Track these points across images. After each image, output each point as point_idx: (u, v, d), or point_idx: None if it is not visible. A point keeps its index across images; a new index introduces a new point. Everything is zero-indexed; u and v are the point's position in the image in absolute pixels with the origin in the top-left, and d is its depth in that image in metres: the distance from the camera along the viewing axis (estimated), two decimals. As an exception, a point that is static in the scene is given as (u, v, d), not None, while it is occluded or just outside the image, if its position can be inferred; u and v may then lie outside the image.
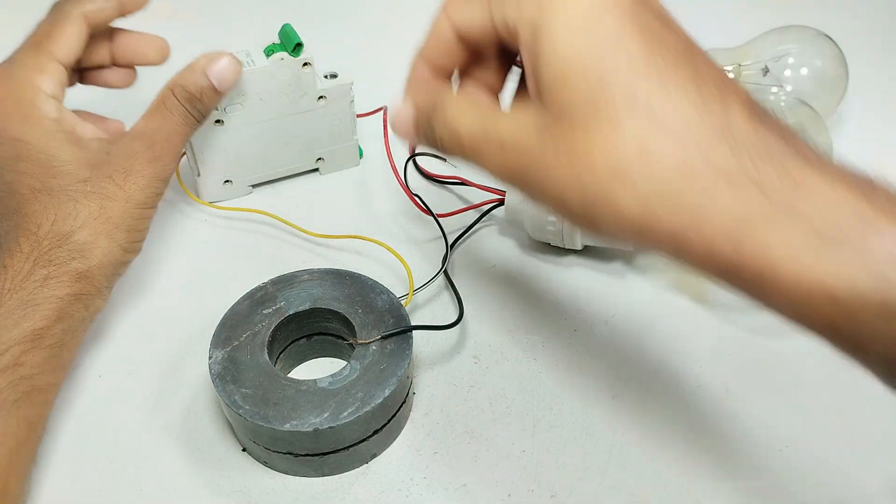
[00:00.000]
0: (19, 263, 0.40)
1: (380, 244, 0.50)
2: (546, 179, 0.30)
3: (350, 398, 0.39)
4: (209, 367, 0.41)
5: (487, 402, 0.44)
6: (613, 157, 0.28)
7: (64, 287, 0.40)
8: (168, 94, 0.45)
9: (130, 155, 0.43)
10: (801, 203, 0.26)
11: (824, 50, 0.57)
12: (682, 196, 0.27)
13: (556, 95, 0.29)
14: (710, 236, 0.27)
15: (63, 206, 0.41)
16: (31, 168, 0.42)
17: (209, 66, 0.46)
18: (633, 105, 0.28)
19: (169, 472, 0.41)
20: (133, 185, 0.43)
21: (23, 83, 0.43)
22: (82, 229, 0.41)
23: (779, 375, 0.46)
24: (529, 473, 0.41)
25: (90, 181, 0.42)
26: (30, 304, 0.39)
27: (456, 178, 0.55)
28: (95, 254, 0.41)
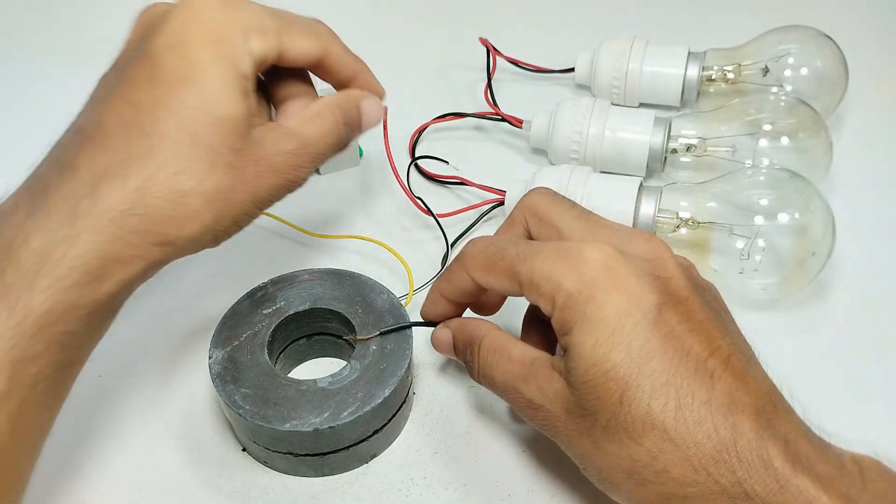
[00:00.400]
0: (116, 200, 0.33)
1: (380, 244, 0.50)
2: (569, 445, 0.35)
3: (350, 398, 0.39)
4: (209, 367, 0.41)
5: (487, 402, 0.44)
6: (628, 462, 0.32)
7: (144, 248, 0.34)
8: (329, 110, 0.40)
9: (280, 151, 0.38)
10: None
11: (824, 50, 0.57)
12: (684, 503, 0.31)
13: (584, 395, 0.33)
14: None
15: (198, 162, 0.35)
16: (192, 99, 0.35)
17: (362, 101, 0.42)
18: (650, 427, 0.31)
19: (169, 472, 0.42)
20: (266, 183, 0.37)
21: (236, 22, 0.37)
22: (201, 197, 0.35)
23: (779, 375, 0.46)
24: (529, 473, 0.41)
25: (238, 153, 0.36)
26: (101, 257, 0.33)
27: (456, 177, 0.55)
28: (195, 227, 0.35)
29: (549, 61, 0.63)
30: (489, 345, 0.38)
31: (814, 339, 0.48)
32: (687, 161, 0.54)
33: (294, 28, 0.39)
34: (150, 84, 0.35)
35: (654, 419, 0.31)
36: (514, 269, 0.36)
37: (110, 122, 0.35)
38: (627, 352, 0.32)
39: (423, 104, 0.61)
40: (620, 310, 0.32)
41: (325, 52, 0.41)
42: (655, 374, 0.32)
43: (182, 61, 0.35)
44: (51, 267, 0.32)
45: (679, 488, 0.31)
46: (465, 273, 0.38)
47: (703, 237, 0.48)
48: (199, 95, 0.35)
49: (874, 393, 0.45)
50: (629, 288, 0.33)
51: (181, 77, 0.35)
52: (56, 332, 0.32)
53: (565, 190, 0.50)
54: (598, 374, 0.32)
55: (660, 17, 0.72)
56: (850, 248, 0.50)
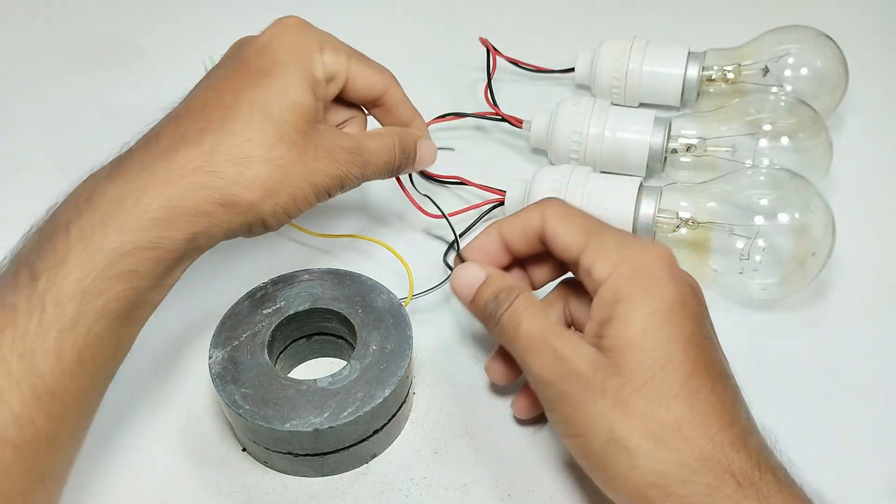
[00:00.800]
0: (189, 157, 0.37)
1: (380, 244, 0.50)
2: (581, 404, 0.35)
3: (350, 398, 0.39)
4: (209, 367, 0.41)
5: (487, 402, 0.44)
6: (653, 423, 0.34)
7: (209, 205, 0.37)
8: (389, 134, 0.45)
9: (339, 146, 0.42)
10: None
11: (824, 50, 0.57)
12: (671, 487, 0.33)
13: (624, 357, 0.35)
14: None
15: (267, 135, 0.39)
16: (270, 87, 0.40)
17: (420, 141, 0.47)
18: (684, 398, 0.34)
19: (169, 472, 0.42)
20: (324, 168, 0.41)
21: (315, 39, 0.42)
22: (265, 164, 0.38)
23: (778, 375, 0.46)
24: (529, 473, 0.41)
25: (302, 135, 0.40)
26: (170, 207, 0.36)
27: (456, 177, 0.55)
28: (257, 192, 0.38)
29: (549, 61, 0.63)
30: (529, 297, 0.39)
31: (814, 339, 0.47)
32: (687, 161, 0.54)
33: (364, 60, 0.45)
34: (236, 76, 0.40)
35: (689, 390, 0.34)
36: (588, 227, 0.39)
37: (196, 103, 0.40)
38: (680, 333, 0.35)
39: (423, 104, 0.60)
40: (678, 299, 0.36)
41: (388, 91, 0.46)
42: (698, 359, 0.35)
43: (264, 59, 0.41)
44: (123, 211, 0.35)
45: (691, 461, 0.33)
46: (539, 214, 0.40)
47: (703, 237, 0.48)
48: (275, 83, 0.40)
49: (874, 392, 0.45)
50: (685, 286, 0.37)
51: (262, 70, 0.40)
52: (124, 270, 0.35)
53: (565, 190, 0.50)
54: (649, 342, 0.35)
55: (660, 17, 0.72)
56: (850, 248, 0.50)
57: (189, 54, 0.62)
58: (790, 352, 0.47)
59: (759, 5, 0.72)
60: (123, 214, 0.35)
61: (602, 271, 0.37)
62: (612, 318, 0.36)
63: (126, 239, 0.35)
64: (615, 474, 0.34)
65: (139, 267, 0.36)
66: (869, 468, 0.42)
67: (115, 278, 0.35)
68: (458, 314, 0.49)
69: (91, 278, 0.34)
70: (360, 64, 0.44)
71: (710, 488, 0.32)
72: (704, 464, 0.33)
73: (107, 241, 0.35)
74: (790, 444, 0.42)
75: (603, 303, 0.36)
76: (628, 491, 0.34)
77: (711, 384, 0.35)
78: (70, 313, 0.34)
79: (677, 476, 0.33)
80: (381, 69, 0.46)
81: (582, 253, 0.38)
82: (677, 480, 0.33)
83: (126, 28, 0.72)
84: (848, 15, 0.71)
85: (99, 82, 0.66)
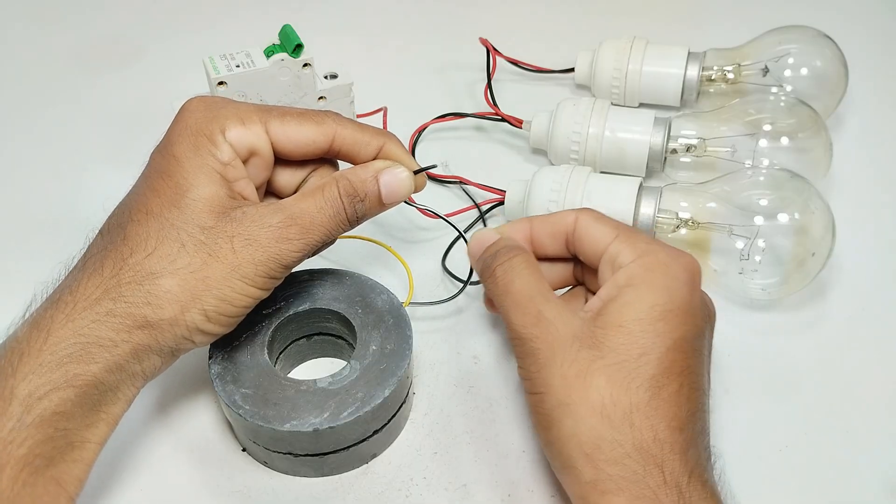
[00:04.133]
0: (91, 288, 0.36)
1: (380, 244, 0.50)
2: (548, 365, 0.36)
3: (350, 398, 0.39)
4: (209, 367, 0.41)
5: (487, 402, 0.44)
6: (609, 401, 0.34)
7: (124, 332, 0.36)
8: (331, 182, 0.40)
9: (263, 225, 0.38)
10: None
11: (824, 50, 0.57)
12: (601, 463, 0.34)
13: (610, 335, 0.36)
14: None
15: (167, 244, 0.37)
16: (164, 188, 0.38)
17: (382, 172, 0.41)
18: (650, 388, 0.35)
19: (169, 472, 0.42)
20: (248, 257, 0.37)
21: (216, 119, 0.39)
22: (172, 276, 0.36)
23: (779, 375, 0.46)
24: (529, 473, 0.41)
25: (208, 231, 0.37)
26: (82, 340, 0.35)
27: (456, 177, 0.55)
28: (172, 308, 0.36)
29: (549, 61, 0.63)
30: (529, 259, 0.40)
31: (814, 339, 0.48)
32: (687, 161, 0.54)
33: (288, 119, 0.40)
34: (137, 186, 0.39)
35: (654, 385, 0.35)
36: (620, 226, 0.40)
37: (104, 227, 0.39)
38: (670, 333, 0.35)
39: (423, 104, 0.61)
40: (684, 304, 0.36)
41: (332, 137, 0.41)
42: (675, 362, 0.35)
43: (164, 159, 0.39)
44: (33, 353, 0.35)
45: (628, 446, 0.34)
46: (573, 216, 0.41)
47: (703, 237, 0.48)
48: (171, 184, 0.38)
49: (874, 392, 0.45)
50: (697, 297, 0.38)
51: (159, 172, 0.39)
52: (44, 413, 0.34)
53: (565, 190, 0.49)
54: (638, 329, 0.35)
55: (660, 17, 0.72)
56: (850, 248, 0.50)
57: (189, 54, 0.62)
58: (790, 352, 0.47)
59: (759, 5, 0.72)
60: (33, 357, 0.34)
61: (626, 258, 0.38)
62: (615, 298, 0.36)
63: (39, 382, 0.34)
64: (556, 436, 0.35)
65: (61, 408, 0.34)
66: (869, 468, 0.42)
67: (36, 425, 0.34)
68: (458, 314, 0.49)
69: (9, 428, 0.33)
70: (284, 125, 0.40)
71: (637, 476, 0.33)
72: (639, 453, 0.34)
73: (19, 387, 0.34)
74: (790, 443, 0.42)
75: (615, 284, 0.37)
76: (562, 455, 0.35)
77: (677, 388, 0.35)
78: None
79: (610, 455, 0.34)
80: (317, 119, 0.41)
81: (612, 243, 0.39)
82: (609, 459, 0.34)
83: (126, 28, 0.72)
84: (848, 15, 0.71)
85: (99, 82, 0.66)
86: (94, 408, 0.36)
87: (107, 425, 0.37)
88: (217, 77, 0.50)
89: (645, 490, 0.33)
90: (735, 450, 0.41)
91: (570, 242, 0.41)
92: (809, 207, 0.46)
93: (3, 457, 0.33)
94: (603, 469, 0.34)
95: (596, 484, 0.34)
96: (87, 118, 0.63)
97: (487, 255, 0.40)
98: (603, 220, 0.40)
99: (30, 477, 0.33)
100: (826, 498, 0.41)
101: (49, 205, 0.56)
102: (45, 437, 0.34)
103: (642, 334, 0.35)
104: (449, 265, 0.51)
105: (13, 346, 0.35)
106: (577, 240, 0.40)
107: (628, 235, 0.39)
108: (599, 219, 0.40)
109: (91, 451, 0.36)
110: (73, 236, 0.40)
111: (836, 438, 0.43)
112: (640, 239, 0.38)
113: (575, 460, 0.35)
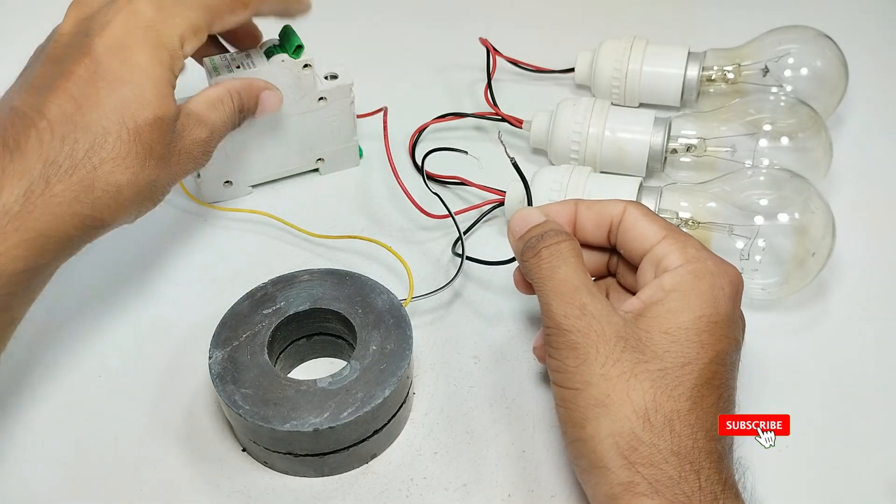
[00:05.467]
0: (61, 188, 0.37)
1: (380, 244, 0.50)
2: (590, 362, 0.35)
3: (350, 398, 0.39)
4: (209, 367, 0.41)
5: (487, 402, 0.44)
6: (651, 404, 0.34)
7: (82, 230, 0.38)
8: (226, 95, 0.46)
9: (195, 140, 0.43)
10: None
11: (824, 50, 0.57)
12: (638, 465, 0.34)
13: (655, 340, 0.36)
14: None
15: (135, 158, 0.39)
16: (134, 100, 0.39)
17: (263, 92, 0.48)
18: (687, 398, 0.35)
19: (169, 472, 0.42)
20: (184, 167, 0.43)
21: (174, 26, 0.41)
22: (132, 187, 0.39)
23: (779, 375, 0.46)
24: (529, 473, 0.41)
25: (168, 147, 0.41)
26: (43, 236, 0.37)
27: (456, 177, 0.55)
28: (123, 214, 0.40)
29: (549, 61, 0.63)
30: (576, 247, 0.39)
31: (814, 339, 0.48)
32: (687, 161, 0.54)
33: (226, 17, 0.44)
34: (93, 82, 0.38)
35: (696, 395, 0.35)
36: (670, 227, 0.39)
37: (53, 113, 0.38)
38: (713, 346, 0.36)
39: (423, 104, 0.61)
40: (728, 319, 0.37)
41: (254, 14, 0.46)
42: (716, 376, 0.36)
43: (123, 65, 0.39)
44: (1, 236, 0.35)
45: (667, 451, 0.34)
46: (622, 207, 0.40)
47: (703, 237, 0.48)
48: (139, 96, 0.39)
49: (874, 392, 0.45)
50: (737, 312, 0.38)
51: (122, 78, 0.39)
52: None
53: (565, 190, 0.50)
54: (684, 338, 0.35)
55: (660, 17, 0.72)
56: (850, 248, 0.50)
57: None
58: (790, 352, 0.47)
59: (759, 5, 0.72)
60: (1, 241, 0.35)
61: (674, 262, 0.38)
62: (660, 302, 0.36)
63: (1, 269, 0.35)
64: (591, 434, 0.35)
65: (12, 289, 0.36)
66: (869, 468, 0.42)
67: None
68: (458, 314, 0.49)
69: None
70: (222, 22, 0.44)
71: (672, 480, 0.33)
72: (677, 458, 0.34)
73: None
74: (791, 443, 0.42)
75: (660, 287, 0.37)
76: (595, 453, 0.35)
77: (716, 400, 0.35)
78: None
79: (649, 458, 0.34)
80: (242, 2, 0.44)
81: (659, 243, 0.39)
82: (647, 461, 0.34)
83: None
84: (848, 15, 0.71)
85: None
86: (35, 289, 0.38)
87: (32, 302, 0.39)
88: (218, 78, 0.50)
89: (679, 495, 0.33)
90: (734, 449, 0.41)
91: (613, 234, 0.41)
92: (809, 207, 0.46)
93: None
94: (639, 471, 0.34)
95: (630, 486, 0.34)
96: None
97: (533, 236, 0.40)
98: (652, 217, 0.40)
99: None
100: (826, 498, 0.41)
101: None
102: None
103: (688, 343, 0.35)
104: (450, 259, 0.51)
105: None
106: (623, 232, 0.40)
107: (678, 238, 0.38)
108: (648, 215, 0.40)
109: (15, 326, 0.38)
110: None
111: (836, 438, 0.43)
112: (689, 244, 0.38)
113: (609, 460, 0.34)
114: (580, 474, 0.37)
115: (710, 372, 0.35)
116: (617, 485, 0.34)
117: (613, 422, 0.34)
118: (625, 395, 0.35)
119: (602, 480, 0.35)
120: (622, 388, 0.35)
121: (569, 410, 0.36)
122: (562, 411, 0.37)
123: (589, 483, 0.36)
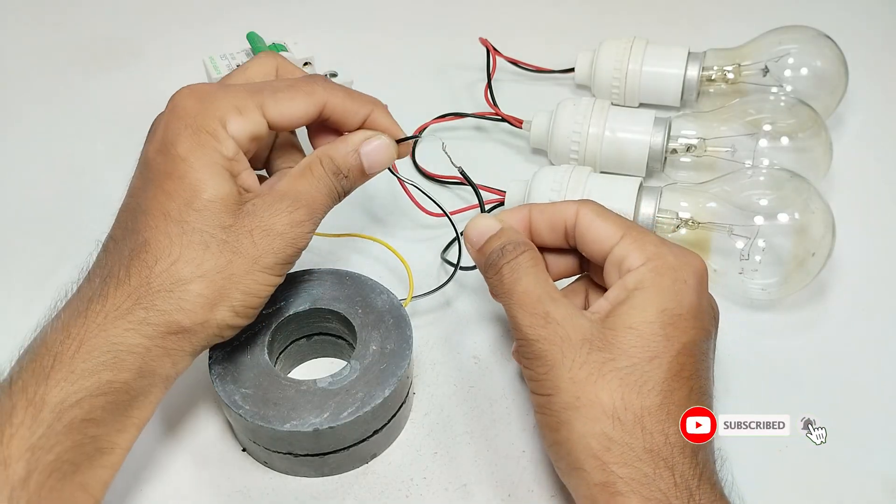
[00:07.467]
0: (121, 298, 0.36)
1: (380, 242, 0.50)
2: (558, 366, 0.36)
3: (350, 398, 0.39)
4: (209, 367, 0.41)
5: (487, 402, 0.44)
6: (619, 403, 0.35)
7: (157, 338, 0.36)
8: (315, 161, 0.41)
9: (275, 213, 0.39)
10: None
11: (824, 50, 0.57)
12: (611, 465, 0.34)
13: (621, 337, 0.36)
14: None
15: (191, 248, 0.37)
16: (177, 190, 0.37)
17: (363, 144, 0.42)
18: (659, 391, 0.35)
19: (169, 472, 0.42)
20: (267, 247, 0.38)
21: (213, 111, 0.38)
22: (201, 280, 0.36)
23: (779, 375, 0.46)
24: (529, 473, 0.41)
25: (229, 230, 0.37)
26: (115, 349, 0.35)
27: (456, 177, 0.55)
28: (203, 311, 0.37)
29: (549, 61, 0.63)
30: (534, 256, 0.39)
31: (814, 339, 0.48)
32: (687, 161, 0.54)
33: (279, 96, 0.40)
34: (144, 188, 0.38)
35: (665, 389, 0.35)
36: (626, 224, 0.39)
37: (116, 232, 0.38)
38: (679, 338, 0.36)
39: (423, 104, 0.61)
40: (693, 309, 0.37)
41: (322, 106, 0.41)
42: (685, 366, 0.36)
43: (167, 160, 0.38)
44: (65, 361, 0.34)
45: (639, 449, 0.34)
46: (574, 209, 0.40)
47: (703, 237, 0.48)
48: (183, 186, 0.37)
49: (873, 392, 0.45)
50: (705, 300, 0.38)
51: (167, 174, 0.38)
52: (74, 421, 0.34)
53: (565, 190, 0.49)
54: (648, 332, 0.36)
55: (660, 17, 0.72)
56: (850, 248, 0.50)
57: (189, 54, 0.62)
58: (790, 352, 0.47)
59: (759, 5, 0.72)
60: (65, 365, 0.34)
61: (635, 262, 0.38)
62: (625, 301, 0.37)
63: (71, 390, 0.34)
64: (565, 437, 0.35)
65: (92, 415, 0.34)
66: (869, 468, 0.42)
67: (66, 432, 0.33)
68: (458, 314, 0.49)
69: (38, 435, 0.33)
70: (276, 105, 0.40)
71: (647, 478, 0.34)
72: (650, 455, 0.34)
73: (50, 394, 0.33)
74: (790, 443, 0.42)
75: (623, 287, 0.37)
76: (570, 456, 0.35)
77: (687, 392, 0.35)
78: (20, 472, 0.32)
79: (622, 457, 0.34)
80: (306, 89, 0.41)
81: (617, 245, 0.38)
82: (621, 461, 0.34)
83: (126, 28, 0.72)
84: (848, 15, 0.71)
85: (99, 82, 0.66)
86: (124, 413, 0.36)
87: (135, 429, 0.37)
88: (218, 77, 0.50)
89: (655, 492, 0.33)
90: (735, 450, 0.41)
91: (571, 236, 0.41)
92: (809, 207, 0.46)
93: (31, 463, 0.32)
94: (613, 471, 0.34)
95: (606, 486, 0.34)
96: (86, 118, 0.63)
97: (493, 251, 0.40)
98: (606, 215, 0.40)
99: (57, 483, 0.33)
100: (826, 498, 0.41)
101: (48, 204, 0.56)
102: (74, 444, 0.34)
103: (653, 337, 0.35)
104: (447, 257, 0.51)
105: (43, 351, 0.35)
106: (580, 235, 0.40)
107: (636, 237, 0.38)
108: (602, 214, 0.40)
109: (118, 455, 0.36)
110: (72, 235, 0.40)
111: (836, 438, 0.43)
112: (648, 241, 0.38)
113: (584, 462, 0.35)
114: (562, 477, 0.37)
115: (679, 364, 0.35)
116: (594, 485, 0.34)
117: (585, 424, 0.35)
118: (594, 397, 0.35)
119: (581, 482, 0.35)
120: (591, 389, 0.35)
121: (544, 415, 0.36)
122: (539, 416, 0.37)
123: (570, 485, 0.37)
